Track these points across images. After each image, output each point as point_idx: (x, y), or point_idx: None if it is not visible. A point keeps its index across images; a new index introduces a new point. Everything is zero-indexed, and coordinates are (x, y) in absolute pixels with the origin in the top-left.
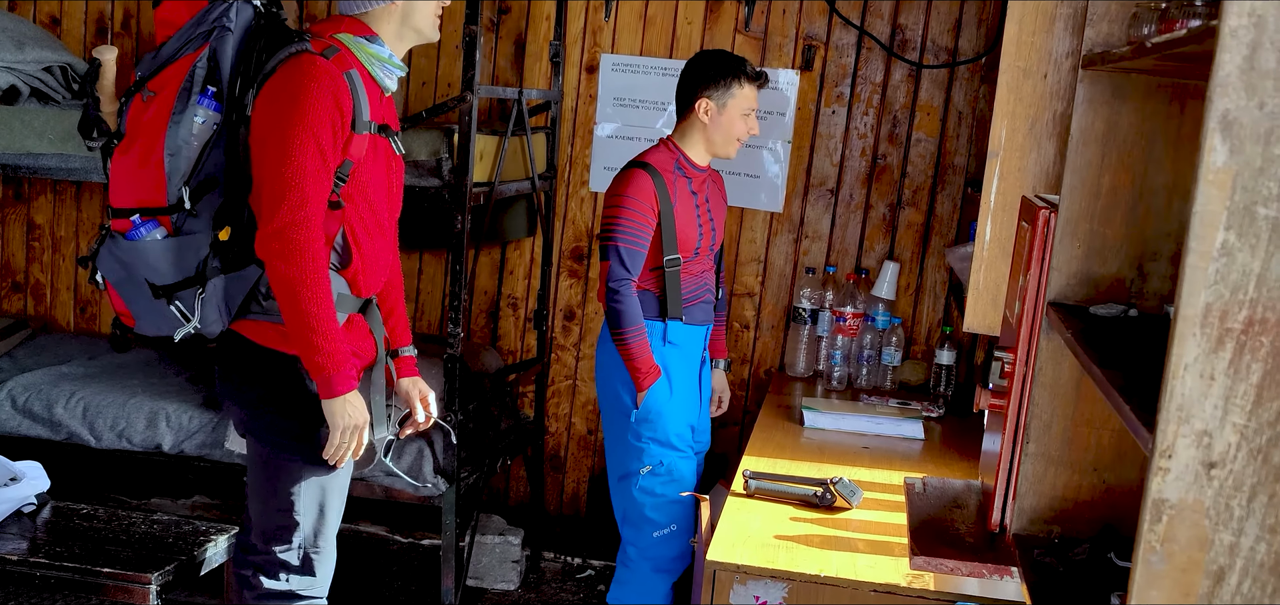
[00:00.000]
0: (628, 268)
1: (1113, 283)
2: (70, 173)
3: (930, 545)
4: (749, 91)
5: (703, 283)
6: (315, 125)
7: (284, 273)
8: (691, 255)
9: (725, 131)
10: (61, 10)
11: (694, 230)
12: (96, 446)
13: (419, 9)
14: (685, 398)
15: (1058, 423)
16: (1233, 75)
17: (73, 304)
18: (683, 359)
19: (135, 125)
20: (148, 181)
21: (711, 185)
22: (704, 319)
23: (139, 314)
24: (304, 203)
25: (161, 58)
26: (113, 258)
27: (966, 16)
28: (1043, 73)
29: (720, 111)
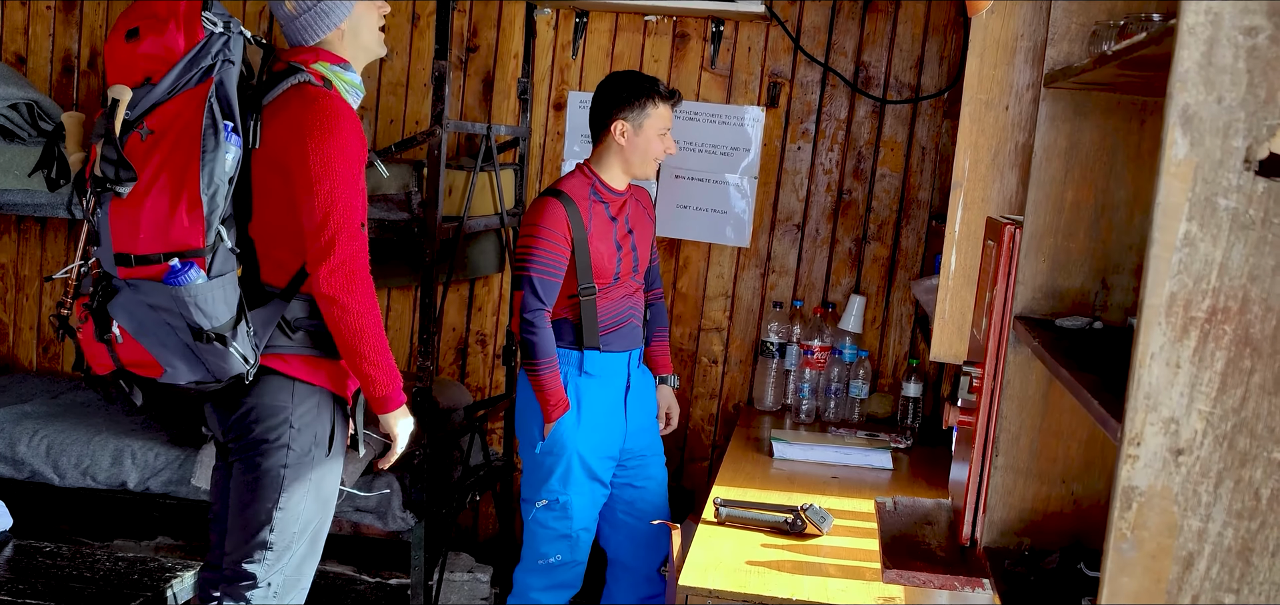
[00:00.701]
0: (541, 298)
1: (1077, 296)
2: (36, 209)
3: (902, 560)
4: (664, 110)
5: (627, 308)
6: (353, 158)
7: (350, 304)
8: (610, 281)
9: (642, 152)
10: (27, 48)
11: (611, 258)
12: (60, 484)
13: (362, 24)
14: (600, 428)
15: (1026, 435)
16: (1192, 70)
17: (36, 343)
18: (600, 389)
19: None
20: (182, 224)
21: (634, 206)
22: (628, 345)
23: (171, 362)
24: (356, 233)
25: (158, 94)
26: (137, 306)
27: (928, 53)
28: (1004, 104)
29: (636, 133)
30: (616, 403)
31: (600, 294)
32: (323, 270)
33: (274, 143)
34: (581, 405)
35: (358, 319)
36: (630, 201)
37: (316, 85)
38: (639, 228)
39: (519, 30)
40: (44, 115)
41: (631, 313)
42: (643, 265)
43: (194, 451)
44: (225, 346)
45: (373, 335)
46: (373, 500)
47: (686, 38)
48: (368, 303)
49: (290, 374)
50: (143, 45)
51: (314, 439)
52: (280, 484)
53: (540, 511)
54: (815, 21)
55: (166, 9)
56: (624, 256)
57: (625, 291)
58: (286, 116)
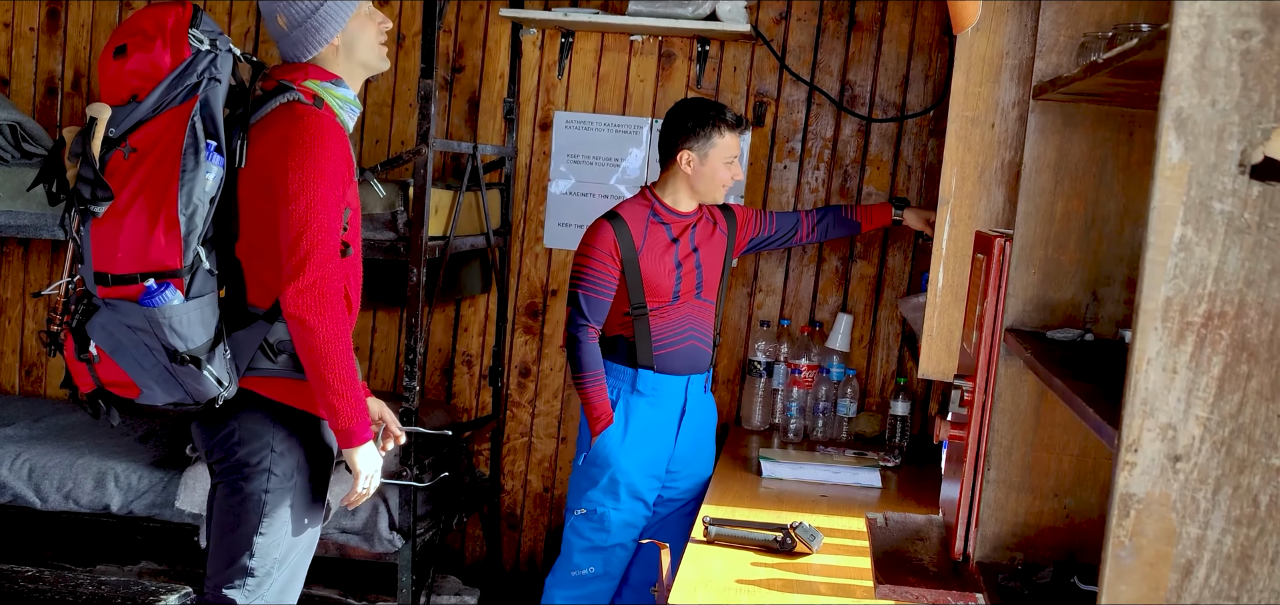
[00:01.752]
0: (586, 315)
1: (1068, 308)
2: (19, 230)
3: (894, 574)
4: (730, 139)
5: (688, 329)
6: (335, 180)
7: (317, 327)
8: (668, 301)
9: (709, 180)
10: (11, 70)
11: (668, 277)
12: (42, 508)
13: (360, 40)
14: (646, 447)
15: (1018, 448)
16: (1185, 74)
17: (18, 367)
18: (650, 409)
19: (124, 186)
20: (160, 244)
21: (704, 227)
22: (687, 367)
23: (148, 384)
24: (330, 256)
25: (142, 112)
26: (114, 326)
27: (914, 72)
28: (990, 122)
29: (702, 162)
30: (668, 425)
31: (656, 313)
32: (291, 290)
33: (260, 162)
34: (629, 422)
35: (324, 344)
36: (701, 222)
37: (306, 103)
38: (707, 247)
39: (504, 50)
40: (28, 137)
41: (694, 335)
42: (711, 286)
43: (177, 473)
44: (199, 369)
45: (339, 364)
46: (359, 522)
47: (672, 57)
48: (336, 329)
49: (272, 397)
50: (129, 63)
51: (297, 464)
52: (262, 509)
53: (577, 519)
54: (801, 41)
55: (154, 26)
56: (685, 276)
57: (688, 312)
58: (272, 134)
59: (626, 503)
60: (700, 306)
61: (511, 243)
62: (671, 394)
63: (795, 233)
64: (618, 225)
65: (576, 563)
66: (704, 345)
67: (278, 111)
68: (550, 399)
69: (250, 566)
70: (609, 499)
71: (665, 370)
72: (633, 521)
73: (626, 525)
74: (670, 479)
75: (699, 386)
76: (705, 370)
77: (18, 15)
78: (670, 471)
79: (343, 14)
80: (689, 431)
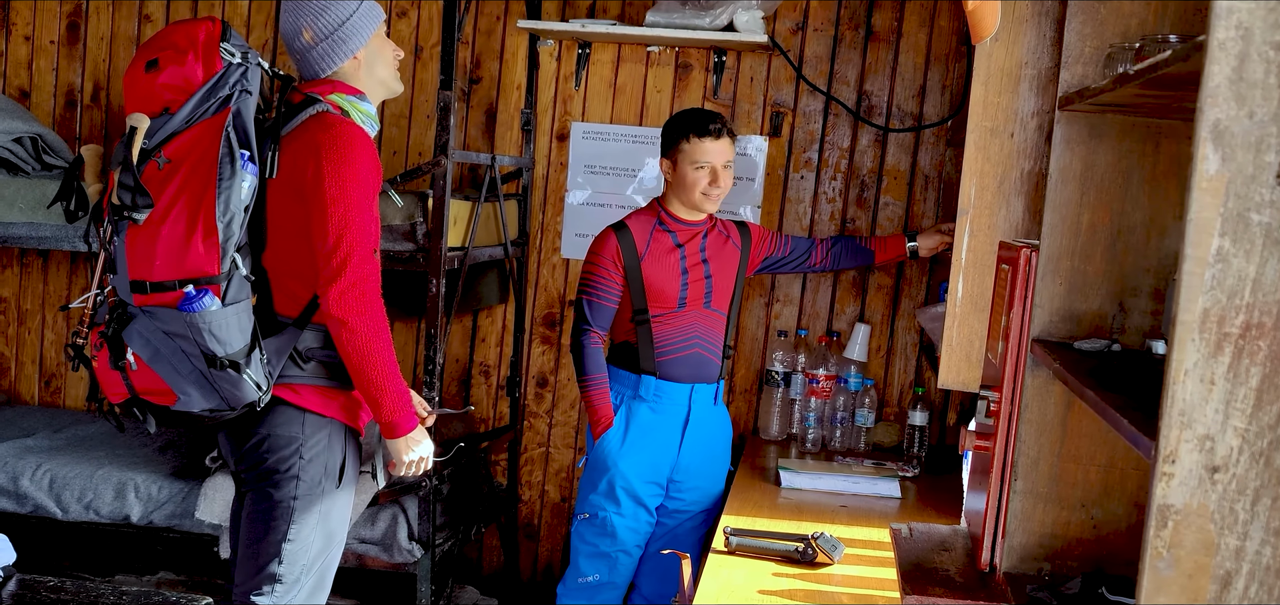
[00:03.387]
0: (589, 319)
1: (1094, 319)
2: (40, 241)
3: (921, 585)
4: (695, 144)
5: (694, 337)
6: (368, 184)
7: (359, 327)
8: (674, 307)
9: (682, 186)
10: (31, 83)
11: (672, 283)
12: (63, 518)
13: (380, 58)
14: (645, 452)
15: (1044, 459)
16: (1222, 86)
17: (37, 378)
18: (652, 415)
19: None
20: (197, 252)
21: (716, 237)
22: (692, 376)
23: (185, 389)
24: (368, 258)
25: (175, 124)
26: (152, 334)
27: (931, 82)
28: (1010, 132)
29: (674, 170)
30: (670, 432)
31: (661, 320)
32: (333, 292)
33: (291, 170)
34: (629, 426)
35: (366, 342)
36: (712, 233)
37: (334, 114)
38: (719, 259)
39: (522, 61)
40: (48, 149)
41: (700, 344)
42: (722, 297)
43: (197, 484)
44: (238, 373)
45: (382, 359)
46: (378, 533)
47: (689, 68)
48: (377, 326)
49: (301, 405)
50: (162, 76)
51: (324, 470)
52: (290, 515)
53: (580, 523)
54: (818, 51)
55: (186, 40)
56: (692, 284)
57: (695, 321)
58: (303, 143)
59: (627, 507)
60: (708, 316)
61: (529, 253)
62: (674, 401)
63: (809, 258)
64: (621, 233)
65: (582, 569)
66: (711, 355)
67: (308, 122)
68: (567, 409)
69: (278, 573)
70: (609, 503)
71: (668, 377)
72: (635, 526)
73: (629, 530)
74: (676, 489)
75: (707, 397)
76: (713, 380)
77: (38, 28)
78: (675, 482)
79: (367, 29)
80: (695, 442)
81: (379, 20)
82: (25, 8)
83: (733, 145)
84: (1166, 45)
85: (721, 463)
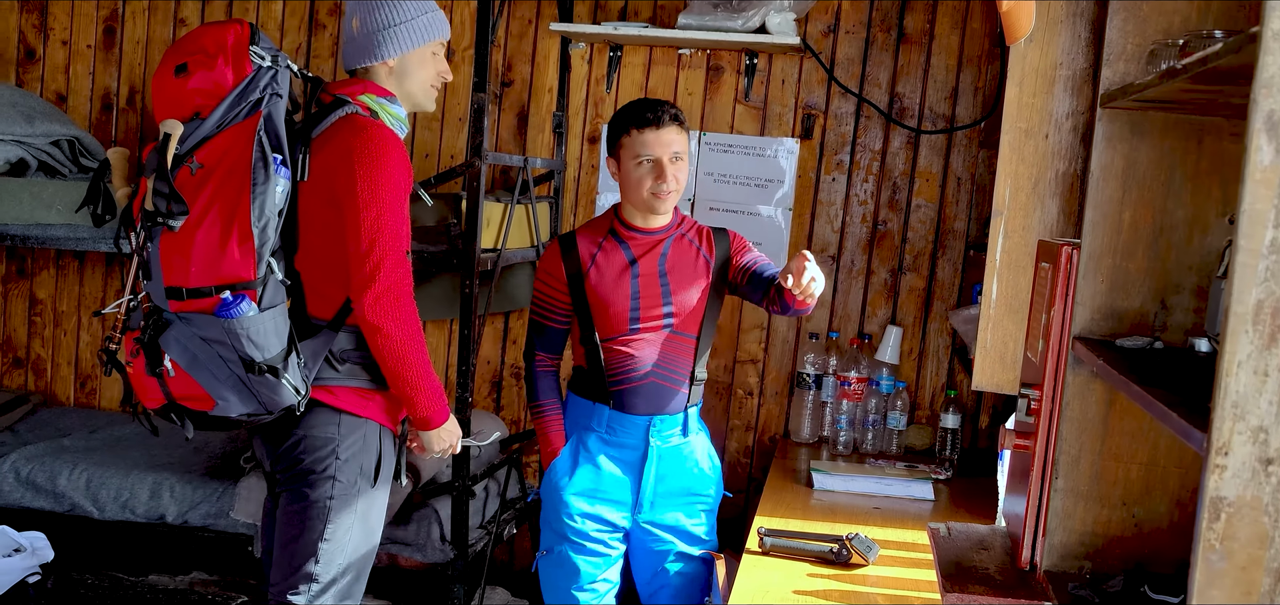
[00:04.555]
0: (534, 340)
1: (1136, 317)
2: (77, 242)
3: (961, 583)
4: (636, 138)
5: (650, 365)
6: (400, 186)
7: (394, 332)
8: (625, 330)
9: (628, 185)
10: (68, 87)
11: (622, 302)
12: (99, 518)
13: (415, 74)
14: (594, 487)
15: (1086, 457)
16: (1277, 76)
17: (73, 379)
18: (602, 447)
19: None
20: (234, 257)
21: (679, 247)
22: (649, 408)
23: (223, 395)
24: (400, 261)
25: (207, 128)
26: (189, 340)
27: (963, 83)
28: (1044, 133)
29: (619, 168)
30: (626, 467)
31: (612, 345)
32: (367, 297)
33: (322, 173)
34: (577, 458)
35: (401, 345)
36: (676, 242)
37: (364, 116)
38: (681, 272)
39: (554, 64)
40: (84, 151)
41: (659, 372)
42: (686, 318)
43: (231, 484)
44: (277, 378)
45: (416, 359)
46: (411, 533)
47: (721, 70)
48: (412, 328)
49: (337, 406)
50: (192, 80)
51: (360, 470)
52: (327, 515)
53: (541, 560)
54: (849, 53)
55: (215, 44)
56: (646, 304)
57: (653, 345)
58: (334, 146)
59: (581, 542)
60: (670, 341)
61: None
62: (630, 434)
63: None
64: (565, 244)
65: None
66: (673, 383)
67: (338, 124)
68: None
69: (314, 573)
70: (562, 540)
71: (623, 407)
72: (597, 561)
73: (591, 564)
74: (646, 527)
75: (669, 429)
76: (675, 411)
77: (75, 33)
78: (641, 523)
79: (407, 41)
80: (661, 479)
81: (428, 37)
82: (62, 13)
83: (684, 133)
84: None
85: (699, 499)
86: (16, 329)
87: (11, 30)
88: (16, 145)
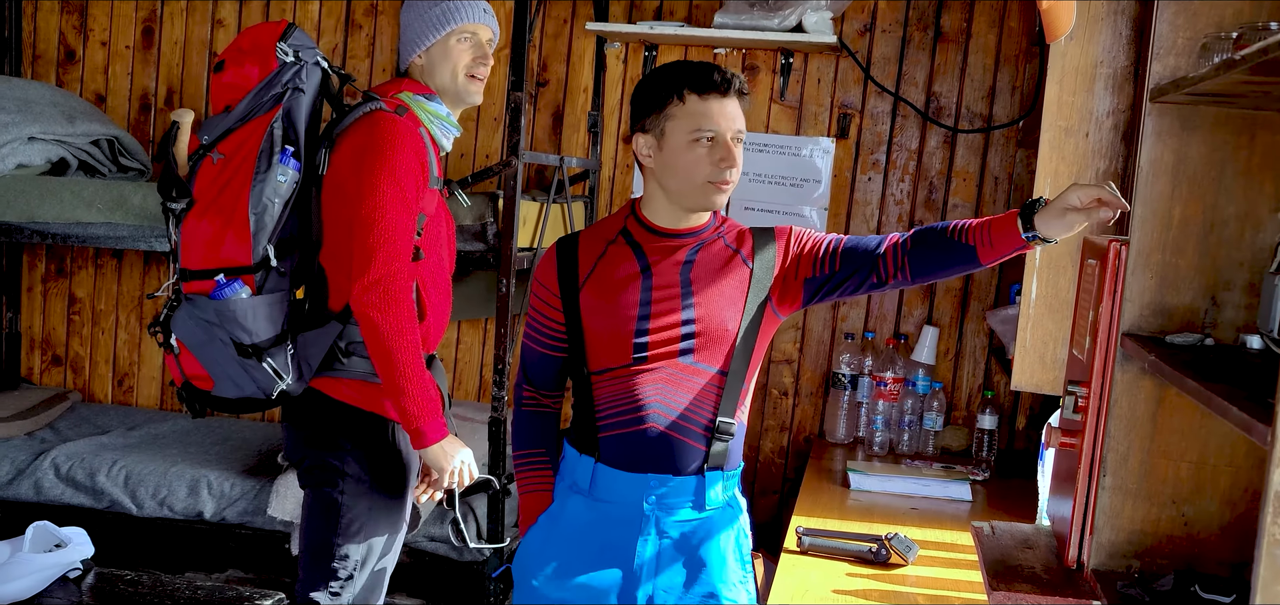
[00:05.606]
0: (523, 369)
1: (1186, 313)
2: (117, 241)
3: (1007, 581)
4: (695, 104)
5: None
6: (403, 179)
7: (380, 323)
8: (627, 361)
9: (675, 170)
10: (108, 87)
11: (623, 323)
12: (138, 514)
13: (441, 66)
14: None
15: (1134, 455)
16: None
17: (111, 377)
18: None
19: (209, 188)
20: (231, 242)
21: (715, 254)
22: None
23: (219, 377)
24: (398, 254)
25: (230, 121)
26: (191, 320)
27: (1000, 83)
28: (1084, 131)
29: (660, 145)
30: (619, 544)
31: (605, 379)
32: (357, 287)
33: (337, 169)
34: (554, 527)
35: (388, 341)
36: (708, 245)
37: (387, 112)
38: (708, 283)
39: (588, 64)
40: (124, 151)
41: (662, 413)
42: (714, 343)
43: (269, 481)
44: (258, 361)
45: (403, 357)
46: (447, 530)
47: (756, 70)
48: (399, 325)
49: (341, 399)
50: (225, 76)
51: (370, 465)
52: (338, 511)
53: None
54: (886, 52)
55: (251, 44)
56: (657, 324)
57: (659, 378)
58: (350, 141)
59: None
60: (686, 375)
61: None
62: (623, 498)
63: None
64: (563, 249)
65: None
66: (682, 434)
67: (359, 121)
68: None
69: (334, 569)
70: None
71: (612, 462)
72: None
73: None
74: None
75: (674, 500)
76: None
77: (114, 34)
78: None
79: (426, 35)
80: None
81: (445, 27)
82: (102, 13)
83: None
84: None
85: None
86: (56, 327)
87: (52, 31)
88: (58, 144)
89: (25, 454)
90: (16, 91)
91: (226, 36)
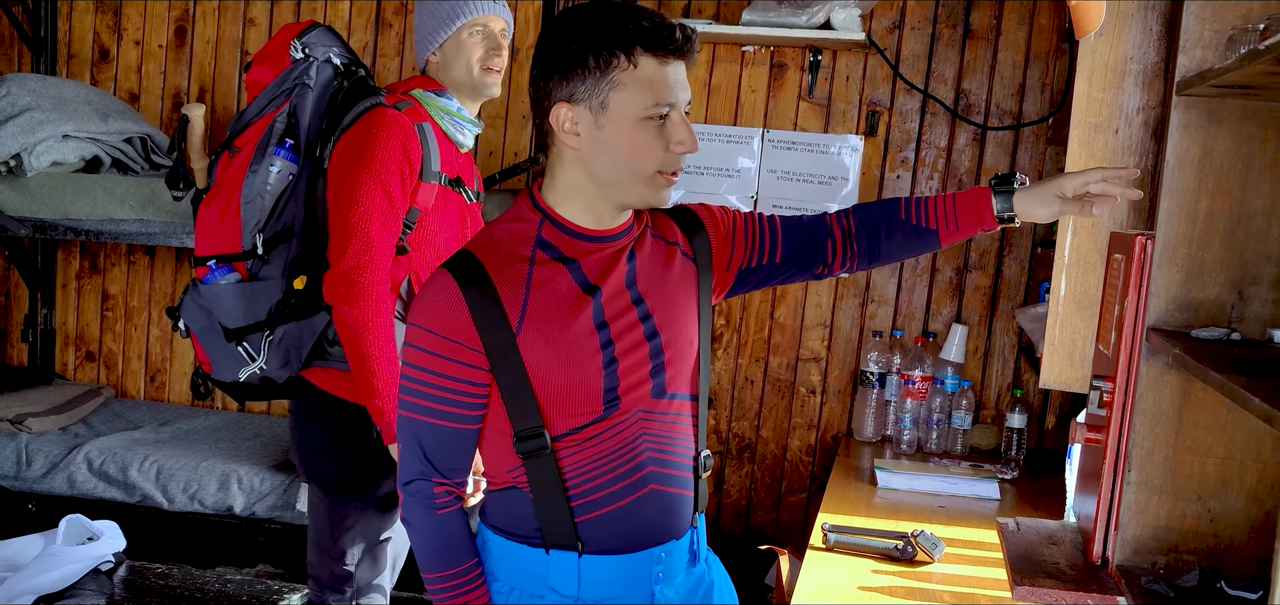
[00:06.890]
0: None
1: (1212, 308)
2: (149, 237)
3: (1031, 576)
4: (652, 71)
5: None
6: (383, 172)
7: (348, 315)
8: (597, 413)
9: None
10: (140, 86)
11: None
12: (169, 508)
13: (455, 60)
14: None
15: (1160, 450)
16: None
17: (143, 373)
18: None
19: (220, 179)
20: (226, 230)
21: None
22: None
23: (215, 359)
24: (370, 247)
25: (247, 117)
26: (194, 305)
27: (1030, 80)
28: (1114, 128)
29: (597, 121)
30: None
31: (572, 443)
32: (329, 276)
33: (334, 162)
34: None
35: (354, 330)
36: (643, 244)
37: (386, 108)
38: (656, 291)
39: None
40: (156, 149)
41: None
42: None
43: (299, 477)
44: (236, 344)
45: (373, 356)
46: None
47: (784, 67)
48: (367, 318)
49: (328, 389)
50: (250, 74)
51: (355, 454)
52: (327, 501)
53: None
54: (914, 49)
55: (275, 44)
56: (624, 356)
57: (641, 427)
58: (347, 136)
59: None
60: (664, 409)
61: None
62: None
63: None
64: (465, 277)
65: None
66: (676, 484)
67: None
68: None
69: (332, 557)
70: None
71: (605, 549)
72: None
73: None
74: None
75: (676, 565)
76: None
77: (148, 34)
78: None
79: (436, 32)
80: None
81: (454, 22)
82: (135, 13)
83: None
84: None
85: None
86: (89, 323)
87: (87, 31)
88: (91, 142)
89: (59, 448)
90: (52, 90)
91: (258, 35)
